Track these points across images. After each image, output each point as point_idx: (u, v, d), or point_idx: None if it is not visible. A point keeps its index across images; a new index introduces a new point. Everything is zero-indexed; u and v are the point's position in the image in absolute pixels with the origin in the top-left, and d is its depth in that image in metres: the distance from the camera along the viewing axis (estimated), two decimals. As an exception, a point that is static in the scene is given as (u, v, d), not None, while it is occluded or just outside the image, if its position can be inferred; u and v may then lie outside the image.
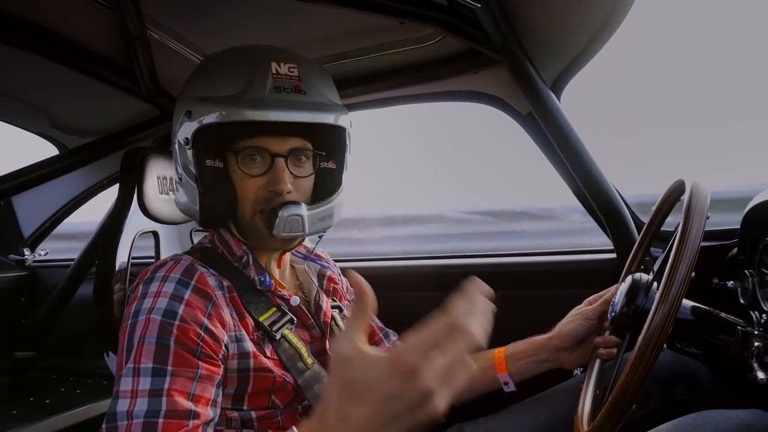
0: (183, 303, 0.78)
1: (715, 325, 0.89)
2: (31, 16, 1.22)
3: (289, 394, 0.87)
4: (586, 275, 1.47)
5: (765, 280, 0.98)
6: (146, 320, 0.76)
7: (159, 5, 1.18)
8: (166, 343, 0.75)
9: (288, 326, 0.90)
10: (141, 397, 0.71)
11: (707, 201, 0.76)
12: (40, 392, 1.90)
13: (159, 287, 0.80)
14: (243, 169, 0.87)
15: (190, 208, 0.92)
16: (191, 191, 0.89)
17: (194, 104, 0.85)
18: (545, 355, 1.07)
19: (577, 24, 1.18)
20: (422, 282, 1.63)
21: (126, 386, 0.73)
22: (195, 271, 0.83)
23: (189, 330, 0.77)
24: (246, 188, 0.88)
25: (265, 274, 0.92)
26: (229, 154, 0.89)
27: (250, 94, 0.84)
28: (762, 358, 0.81)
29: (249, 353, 0.83)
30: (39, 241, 2.28)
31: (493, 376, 1.08)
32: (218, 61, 0.91)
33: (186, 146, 0.86)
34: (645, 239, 1.08)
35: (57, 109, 1.76)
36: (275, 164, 0.87)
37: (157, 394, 0.72)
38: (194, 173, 0.87)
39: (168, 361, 0.74)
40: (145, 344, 0.75)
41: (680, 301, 0.67)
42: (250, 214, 0.89)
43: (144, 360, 0.74)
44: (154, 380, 0.73)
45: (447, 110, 2.38)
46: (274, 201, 0.87)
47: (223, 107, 0.83)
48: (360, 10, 1.10)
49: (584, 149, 1.31)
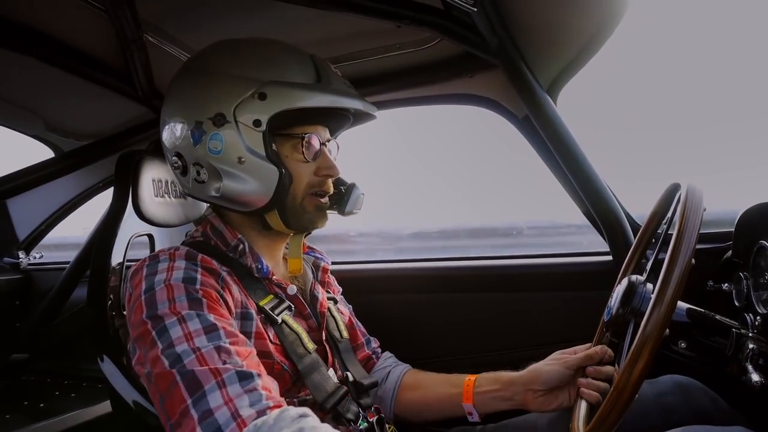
0: (198, 273, 0.81)
1: (709, 327, 0.89)
2: (27, 20, 1.22)
3: (286, 383, 0.88)
4: (582, 278, 1.48)
5: (759, 283, 0.98)
6: (167, 286, 0.78)
7: (155, 8, 1.18)
8: (197, 298, 0.77)
9: (287, 312, 0.92)
10: (197, 336, 0.73)
11: (702, 203, 0.77)
12: (33, 396, 1.89)
13: (169, 264, 0.81)
14: (299, 154, 0.91)
15: (254, 191, 0.88)
16: (263, 173, 0.87)
17: (269, 87, 0.85)
18: (511, 392, 1.00)
19: (573, 27, 1.19)
20: (418, 285, 1.63)
21: (177, 333, 0.73)
22: (196, 254, 0.85)
23: (211, 293, 0.79)
24: (301, 172, 0.92)
25: (261, 261, 0.94)
26: (282, 139, 0.90)
27: (332, 85, 0.90)
28: (756, 361, 0.81)
29: (251, 333, 0.85)
30: (34, 244, 2.27)
31: (458, 403, 1.04)
32: (273, 48, 0.92)
33: (257, 128, 0.85)
34: (641, 242, 1.09)
35: (52, 111, 1.76)
36: (324, 151, 0.94)
37: (211, 329, 0.74)
38: (264, 155, 0.86)
39: (204, 309, 0.76)
40: (176, 303, 0.76)
41: (676, 302, 0.67)
42: (301, 197, 0.92)
43: (181, 310, 0.75)
44: (202, 319, 0.75)
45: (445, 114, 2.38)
46: (327, 184, 0.95)
47: (312, 92, 0.87)
48: (356, 14, 1.10)
49: (580, 152, 1.31)
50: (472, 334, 1.55)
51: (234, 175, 0.87)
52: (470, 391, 1.03)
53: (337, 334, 1.04)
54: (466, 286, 1.59)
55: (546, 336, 1.12)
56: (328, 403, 0.90)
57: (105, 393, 1.16)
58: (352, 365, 1.04)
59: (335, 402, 0.91)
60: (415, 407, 1.09)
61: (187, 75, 0.92)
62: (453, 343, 1.56)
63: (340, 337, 1.05)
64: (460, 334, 1.56)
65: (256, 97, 0.85)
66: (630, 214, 1.44)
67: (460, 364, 1.12)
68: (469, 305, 1.56)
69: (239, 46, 0.93)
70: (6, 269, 2.18)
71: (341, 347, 1.04)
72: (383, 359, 1.18)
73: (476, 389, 1.03)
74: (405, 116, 1.63)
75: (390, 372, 1.14)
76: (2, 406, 1.78)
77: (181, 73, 0.94)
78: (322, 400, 0.90)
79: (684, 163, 2.37)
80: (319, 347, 0.96)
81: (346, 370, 1.02)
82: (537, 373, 0.99)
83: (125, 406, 1.02)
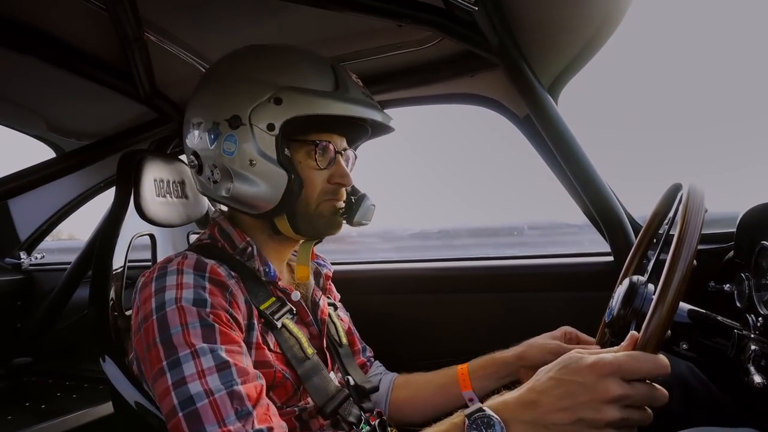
0: (207, 292, 0.81)
1: (711, 328, 0.89)
2: (29, 19, 1.22)
3: (287, 392, 0.88)
4: (583, 278, 1.47)
5: (761, 284, 0.98)
6: (179, 309, 0.77)
7: (156, 8, 1.18)
8: (209, 324, 0.77)
9: (288, 316, 0.92)
10: (209, 374, 0.73)
11: (704, 203, 0.76)
12: (35, 397, 1.89)
13: (178, 279, 0.81)
14: (312, 161, 0.92)
15: (263, 194, 0.89)
16: (273, 177, 0.88)
17: (285, 92, 0.86)
18: (506, 371, 1.05)
19: (575, 26, 1.19)
20: (419, 285, 1.63)
21: (190, 370, 0.73)
22: (205, 263, 0.84)
23: (221, 315, 0.80)
24: (314, 179, 0.92)
25: (269, 265, 0.94)
26: (296, 145, 0.90)
27: (349, 94, 0.90)
28: (758, 362, 0.81)
29: (252, 344, 0.84)
30: (35, 244, 2.27)
31: (455, 392, 1.06)
32: (293, 55, 0.93)
33: (270, 132, 0.86)
34: (642, 242, 1.08)
35: (54, 111, 1.76)
36: (338, 159, 0.94)
37: (224, 366, 0.74)
38: (275, 159, 0.87)
39: (217, 340, 0.76)
40: (189, 329, 0.76)
41: (677, 303, 0.67)
42: (315, 203, 0.92)
43: (196, 342, 0.75)
44: (215, 356, 0.75)
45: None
46: (340, 193, 0.95)
47: (328, 100, 0.87)
48: (357, 13, 1.10)
49: (581, 152, 1.31)
50: (472, 334, 1.54)
51: (244, 177, 0.89)
52: (467, 378, 1.06)
53: (337, 340, 1.05)
54: (466, 287, 1.59)
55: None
56: (329, 406, 0.90)
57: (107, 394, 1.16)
58: (353, 370, 1.04)
59: (336, 405, 0.91)
60: (410, 405, 1.11)
61: (210, 78, 0.94)
62: (453, 343, 1.56)
63: (341, 343, 1.05)
64: (460, 335, 1.56)
65: (272, 102, 0.86)
66: (631, 215, 1.44)
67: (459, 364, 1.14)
68: (470, 305, 1.56)
69: (260, 51, 0.94)
70: (8, 270, 2.19)
71: (342, 352, 1.04)
72: (374, 367, 1.20)
73: (472, 374, 1.07)
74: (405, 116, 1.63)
75: (381, 378, 1.16)
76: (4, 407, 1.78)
77: (204, 76, 0.97)
78: (323, 404, 0.90)
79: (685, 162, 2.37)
80: (320, 353, 0.96)
81: (347, 374, 1.02)
82: (526, 346, 1.04)
83: (127, 406, 1.02)
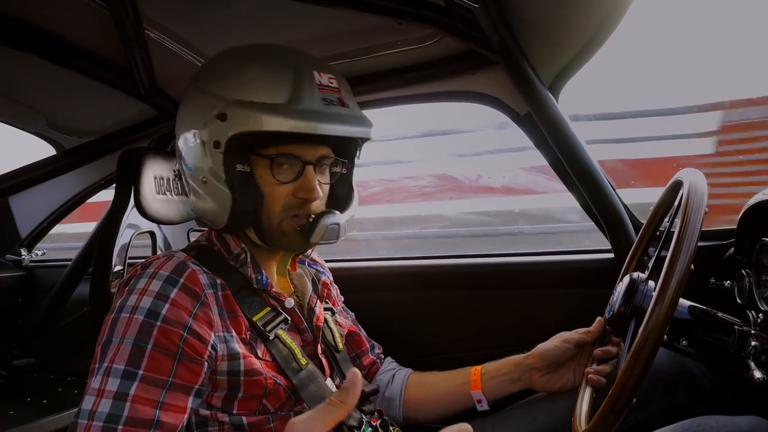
0: (168, 302, 0.78)
1: (712, 324, 0.89)
2: (28, 17, 1.22)
3: (281, 398, 0.87)
4: (584, 275, 1.47)
5: (761, 280, 0.98)
6: (128, 319, 0.76)
7: (157, 5, 1.18)
8: (144, 345, 0.75)
9: (282, 326, 0.90)
10: (106, 398, 0.72)
11: (705, 199, 0.76)
12: (37, 392, 1.89)
13: (146, 284, 0.79)
14: (273, 176, 0.87)
15: (212, 212, 0.88)
16: (219, 195, 0.86)
17: (231, 108, 0.82)
18: (519, 374, 1.05)
19: (575, 24, 1.18)
20: (419, 282, 1.63)
21: (95, 384, 0.73)
22: (186, 268, 0.82)
23: (171, 332, 0.76)
24: (275, 194, 0.88)
25: (262, 273, 0.92)
26: (257, 159, 0.87)
27: (301, 105, 0.83)
28: (759, 357, 0.81)
29: (238, 354, 0.82)
30: (36, 241, 2.27)
31: (467, 393, 1.06)
32: (251, 62, 0.87)
33: (216, 149, 0.83)
34: (643, 239, 1.09)
35: (54, 109, 1.76)
36: (306, 172, 0.88)
37: (121, 398, 0.72)
38: (223, 177, 0.85)
39: (141, 365, 0.74)
40: (122, 344, 0.75)
41: (677, 300, 0.67)
42: (278, 219, 0.88)
43: (117, 361, 0.74)
44: (123, 383, 0.73)
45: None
46: (305, 208, 0.89)
47: (271, 115, 0.80)
48: (358, 11, 1.10)
49: (582, 149, 1.31)
50: (473, 331, 1.55)
51: (198, 194, 0.89)
52: (478, 379, 1.07)
53: (334, 346, 1.03)
54: (467, 284, 1.59)
55: (548, 333, 1.12)
56: None
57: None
58: None
59: None
60: (424, 405, 1.10)
61: (189, 86, 0.93)
62: (454, 340, 1.56)
63: (338, 349, 1.03)
64: (462, 332, 1.56)
65: (217, 118, 0.83)
66: (632, 212, 1.44)
67: (460, 362, 1.14)
68: (471, 303, 1.56)
69: (220, 62, 0.91)
70: (8, 266, 2.19)
71: (339, 357, 1.03)
72: (386, 363, 1.19)
73: (484, 376, 1.07)
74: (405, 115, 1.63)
75: (395, 375, 1.15)
76: (5, 402, 1.78)
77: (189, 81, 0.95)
78: None
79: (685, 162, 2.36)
80: (315, 360, 0.94)
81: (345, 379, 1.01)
82: (539, 350, 1.04)
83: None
